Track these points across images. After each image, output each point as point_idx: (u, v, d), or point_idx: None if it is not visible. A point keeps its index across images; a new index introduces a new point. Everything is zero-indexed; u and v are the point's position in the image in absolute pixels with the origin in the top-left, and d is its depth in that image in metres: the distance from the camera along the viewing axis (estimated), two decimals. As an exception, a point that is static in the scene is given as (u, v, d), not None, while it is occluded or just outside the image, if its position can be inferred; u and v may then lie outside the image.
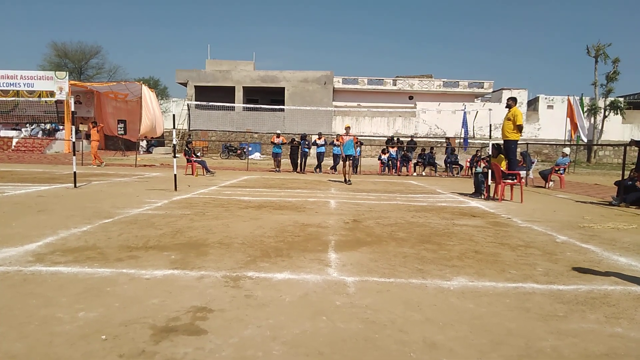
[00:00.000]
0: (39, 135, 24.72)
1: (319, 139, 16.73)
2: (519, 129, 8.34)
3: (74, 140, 9.14)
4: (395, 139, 19.63)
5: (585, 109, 28.46)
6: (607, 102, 31.68)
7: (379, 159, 17.01)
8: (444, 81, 35.12)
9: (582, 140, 21.66)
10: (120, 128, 25.93)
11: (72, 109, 9.23)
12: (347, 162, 11.75)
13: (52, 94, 22.28)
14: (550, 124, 31.55)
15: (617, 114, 31.58)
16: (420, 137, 27.94)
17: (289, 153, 16.74)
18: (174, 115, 9.64)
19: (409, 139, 19.81)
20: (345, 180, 11.57)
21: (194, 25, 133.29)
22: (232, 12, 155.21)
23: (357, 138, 13.07)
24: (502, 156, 8.59)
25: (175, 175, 8.90)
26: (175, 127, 9.31)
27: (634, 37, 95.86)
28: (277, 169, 16.17)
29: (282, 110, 29.68)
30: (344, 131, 12.59)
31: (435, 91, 34.83)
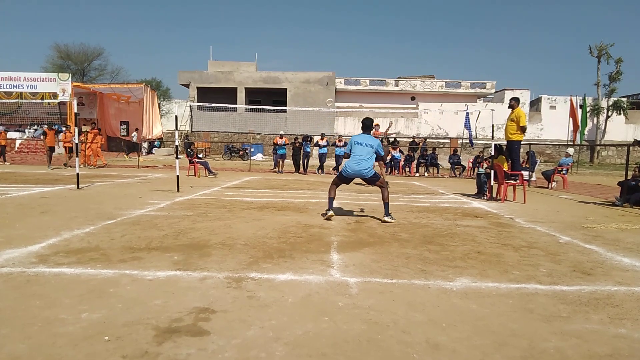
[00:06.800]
0: (42, 137, 24.78)
1: (322, 139, 16.75)
2: (522, 130, 8.33)
3: (76, 142, 9.15)
4: (386, 139, 19.32)
5: (588, 109, 28.43)
6: (610, 102, 31.64)
7: (381, 159, 16.94)
8: (446, 82, 35.09)
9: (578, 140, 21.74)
10: (123, 129, 26.01)
11: (75, 111, 9.24)
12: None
13: (55, 95, 22.31)
14: (552, 125, 31.53)
15: (620, 114, 31.54)
16: (422, 137, 27.89)
17: (291, 154, 16.79)
18: (176, 116, 9.66)
19: (411, 139, 19.78)
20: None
21: (196, 27, 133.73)
22: (234, 14, 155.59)
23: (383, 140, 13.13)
24: (504, 157, 8.58)
25: (177, 176, 8.91)
26: (178, 129, 9.32)
27: (637, 37, 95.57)
28: (280, 169, 16.21)
29: (284, 111, 29.74)
30: (373, 130, 12.44)
31: (438, 92, 34.81)
